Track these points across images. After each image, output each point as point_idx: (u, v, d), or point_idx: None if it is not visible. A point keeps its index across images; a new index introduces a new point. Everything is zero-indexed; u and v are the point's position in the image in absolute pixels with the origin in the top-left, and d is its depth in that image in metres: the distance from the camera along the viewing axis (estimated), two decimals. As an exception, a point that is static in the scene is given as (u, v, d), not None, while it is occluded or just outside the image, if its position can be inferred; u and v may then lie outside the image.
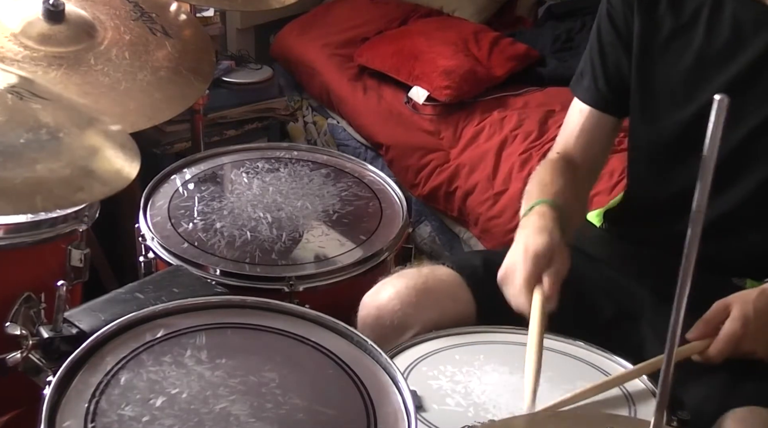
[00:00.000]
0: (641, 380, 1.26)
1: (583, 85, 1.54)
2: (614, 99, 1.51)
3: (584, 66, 1.54)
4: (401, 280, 1.44)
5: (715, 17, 1.36)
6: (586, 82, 1.53)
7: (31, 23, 1.68)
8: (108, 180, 1.29)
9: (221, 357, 1.14)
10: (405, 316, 1.39)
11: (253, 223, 1.70)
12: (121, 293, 1.37)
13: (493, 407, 1.20)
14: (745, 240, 1.41)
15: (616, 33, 1.47)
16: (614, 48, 1.48)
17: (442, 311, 1.40)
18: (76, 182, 1.25)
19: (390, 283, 1.44)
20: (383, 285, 1.45)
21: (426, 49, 2.94)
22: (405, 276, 1.45)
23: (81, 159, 1.29)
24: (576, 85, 1.56)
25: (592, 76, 1.52)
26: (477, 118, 2.78)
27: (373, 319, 1.41)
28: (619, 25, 1.46)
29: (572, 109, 1.57)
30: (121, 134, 1.41)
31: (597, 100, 1.52)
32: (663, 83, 1.42)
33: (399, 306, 1.40)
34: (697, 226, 0.71)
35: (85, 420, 1.02)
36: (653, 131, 1.46)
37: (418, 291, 1.41)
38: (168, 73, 1.77)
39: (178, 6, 1.93)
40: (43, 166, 1.23)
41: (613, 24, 1.47)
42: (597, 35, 1.51)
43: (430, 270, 1.46)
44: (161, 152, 2.57)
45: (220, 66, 2.77)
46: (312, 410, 1.08)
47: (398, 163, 2.84)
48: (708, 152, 0.68)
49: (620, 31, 1.47)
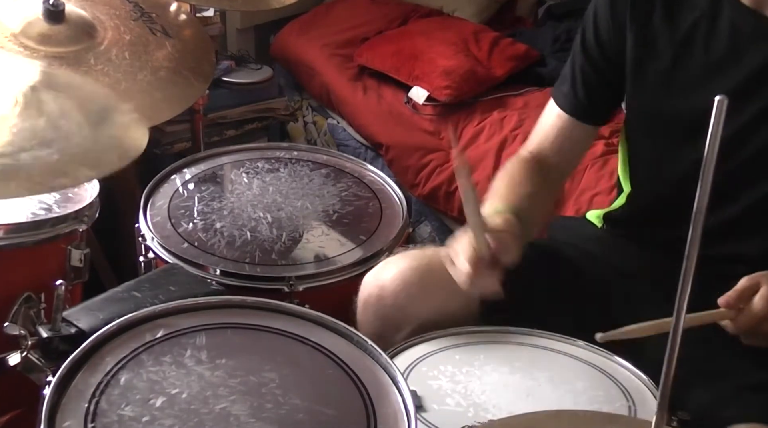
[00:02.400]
0: (641, 380, 1.27)
1: (562, 91, 1.53)
2: (592, 109, 1.51)
3: (566, 73, 1.54)
4: (405, 260, 1.40)
5: (712, 29, 1.34)
6: (566, 88, 1.52)
7: (31, 23, 1.68)
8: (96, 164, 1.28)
9: (221, 358, 1.14)
10: (407, 297, 1.36)
11: (253, 223, 1.70)
12: (119, 292, 1.37)
13: (493, 407, 1.20)
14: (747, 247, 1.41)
15: (600, 47, 1.46)
16: (598, 60, 1.47)
17: (446, 293, 1.35)
18: (60, 168, 1.23)
19: (393, 263, 1.41)
20: (386, 265, 1.42)
21: (426, 49, 2.94)
22: (408, 257, 1.42)
23: (75, 146, 1.27)
24: (557, 89, 1.55)
25: (571, 84, 1.51)
26: (477, 118, 2.78)
27: (375, 299, 1.39)
28: (605, 38, 1.45)
29: (549, 110, 1.55)
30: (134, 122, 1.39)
31: (575, 108, 1.51)
32: (661, 96, 1.41)
33: (402, 285, 1.37)
34: (698, 228, 0.71)
35: (85, 420, 1.02)
36: (654, 140, 1.46)
37: (422, 271, 1.38)
38: (168, 73, 1.77)
39: (178, 6, 1.93)
40: (29, 154, 1.21)
41: (597, 36, 1.46)
42: (581, 45, 1.49)
43: (435, 251, 1.41)
44: (161, 152, 2.57)
45: (220, 66, 2.77)
46: (312, 410, 1.08)
47: (398, 163, 2.84)
48: (708, 153, 0.68)
49: (605, 45, 1.45)
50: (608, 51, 1.45)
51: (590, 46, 1.47)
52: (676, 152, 1.42)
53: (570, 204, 2.38)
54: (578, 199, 2.36)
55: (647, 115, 1.46)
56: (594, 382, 1.27)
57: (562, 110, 1.52)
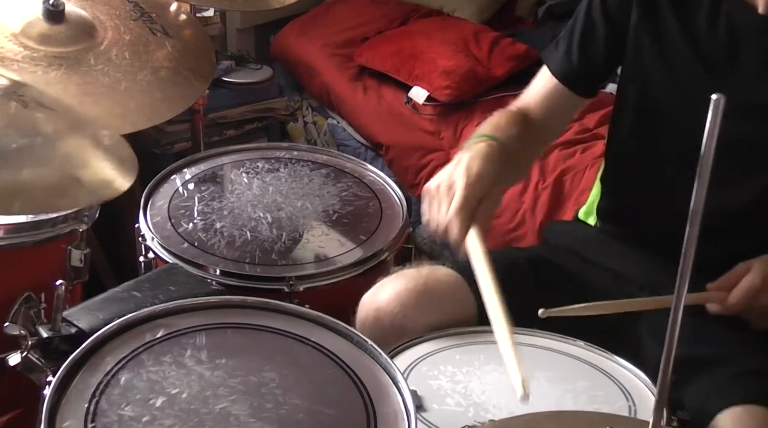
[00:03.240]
0: (641, 380, 1.27)
1: (556, 55, 1.52)
2: (583, 78, 1.51)
3: (563, 36, 1.53)
4: (401, 281, 1.43)
5: (713, 24, 1.35)
6: (560, 53, 1.51)
7: (31, 23, 1.68)
8: (95, 188, 1.29)
9: (221, 357, 1.14)
10: (404, 318, 1.38)
11: (253, 223, 1.70)
12: (118, 291, 1.37)
13: (493, 407, 1.20)
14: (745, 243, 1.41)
15: (605, 17, 1.46)
16: (600, 28, 1.47)
17: (443, 313, 1.39)
18: (61, 188, 1.24)
19: (389, 284, 1.43)
20: (382, 286, 1.44)
21: (426, 49, 2.94)
22: (404, 277, 1.44)
23: (72, 167, 1.28)
24: (549, 52, 1.54)
25: (566, 49, 1.50)
26: (477, 118, 2.77)
27: (372, 321, 1.40)
28: (612, 6, 1.45)
29: (542, 73, 1.55)
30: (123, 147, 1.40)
31: (566, 75, 1.51)
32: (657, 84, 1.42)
33: (398, 307, 1.39)
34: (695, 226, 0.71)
35: (85, 420, 1.03)
36: (643, 128, 1.46)
37: (418, 292, 1.40)
38: (168, 73, 1.77)
39: (178, 6, 1.93)
40: (30, 171, 1.23)
41: (604, 4, 1.46)
42: (586, 13, 1.48)
43: (430, 270, 1.45)
44: (161, 152, 2.57)
45: (220, 66, 2.77)
46: (312, 410, 1.08)
47: (398, 163, 2.84)
48: (705, 150, 0.68)
49: (611, 15, 1.45)
50: (612, 24, 1.45)
51: (596, 13, 1.47)
52: (664, 144, 1.42)
53: (570, 204, 2.38)
54: (578, 199, 2.36)
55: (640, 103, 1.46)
56: (594, 382, 1.27)
57: (552, 75, 1.52)
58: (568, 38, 1.51)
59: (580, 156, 2.49)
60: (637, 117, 1.47)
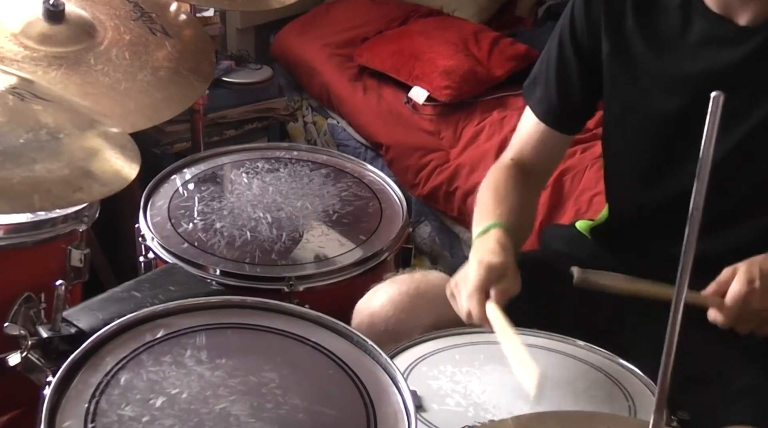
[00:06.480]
0: (641, 380, 1.27)
1: (536, 95, 1.51)
2: (566, 117, 1.51)
3: (538, 73, 1.52)
4: (394, 286, 1.43)
5: (683, 35, 1.34)
6: (539, 92, 1.51)
7: (31, 23, 1.69)
8: (107, 181, 1.30)
9: (221, 358, 1.14)
10: (398, 322, 1.39)
11: (253, 223, 1.70)
12: (118, 291, 1.37)
13: (493, 407, 1.20)
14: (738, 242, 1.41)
15: (577, 52, 1.45)
16: (573, 60, 1.46)
17: (436, 315, 1.39)
18: (74, 182, 1.25)
19: (382, 290, 1.44)
20: (375, 292, 1.45)
21: (426, 49, 2.94)
22: (397, 282, 1.45)
23: (80, 160, 1.30)
24: (529, 92, 1.53)
25: (545, 87, 1.50)
26: (477, 118, 2.78)
27: (366, 326, 1.41)
28: (582, 41, 1.44)
29: (526, 116, 1.55)
30: (122, 136, 1.41)
31: (550, 117, 1.50)
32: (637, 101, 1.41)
33: (392, 311, 1.40)
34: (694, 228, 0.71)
35: (85, 420, 1.02)
36: (632, 148, 1.45)
37: (411, 296, 1.41)
38: (168, 73, 1.77)
39: (178, 6, 1.93)
40: (42, 166, 1.24)
41: (574, 40, 1.45)
42: (558, 48, 1.47)
43: (423, 275, 1.46)
44: (161, 152, 2.57)
45: (220, 66, 2.77)
46: (312, 410, 1.08)
47: (398, 163, 2.84)
48: (704, 152, 0.68)
49: (582, 49, 1.44)
50: (584, 52, 1.44)
51: (567, 50, 1.46)
52: (652, 157, 1.42)
53: (570, 204, 2.38)
54: (578, 199, 2.36)
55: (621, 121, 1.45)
56: (594, 382, 1.27)
57: (537, 118, 1.52)
58: (545, 77, 1.50)
59: (579, 156, 2.49)
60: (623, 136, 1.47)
